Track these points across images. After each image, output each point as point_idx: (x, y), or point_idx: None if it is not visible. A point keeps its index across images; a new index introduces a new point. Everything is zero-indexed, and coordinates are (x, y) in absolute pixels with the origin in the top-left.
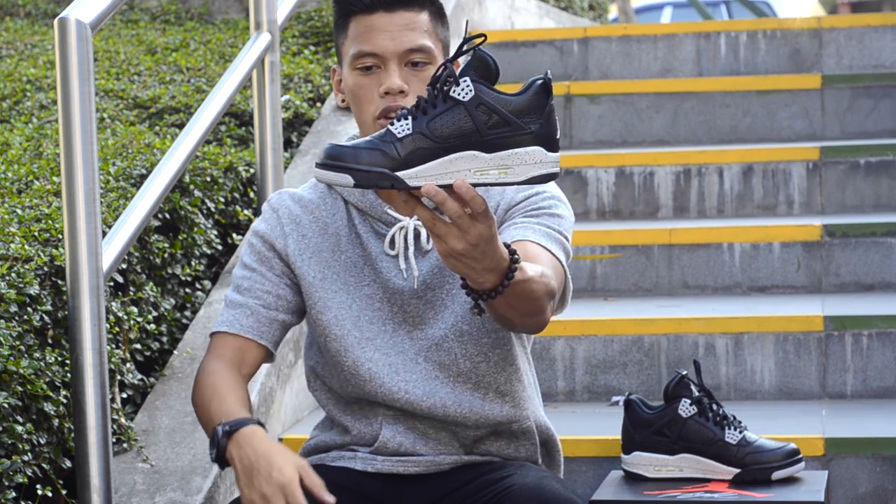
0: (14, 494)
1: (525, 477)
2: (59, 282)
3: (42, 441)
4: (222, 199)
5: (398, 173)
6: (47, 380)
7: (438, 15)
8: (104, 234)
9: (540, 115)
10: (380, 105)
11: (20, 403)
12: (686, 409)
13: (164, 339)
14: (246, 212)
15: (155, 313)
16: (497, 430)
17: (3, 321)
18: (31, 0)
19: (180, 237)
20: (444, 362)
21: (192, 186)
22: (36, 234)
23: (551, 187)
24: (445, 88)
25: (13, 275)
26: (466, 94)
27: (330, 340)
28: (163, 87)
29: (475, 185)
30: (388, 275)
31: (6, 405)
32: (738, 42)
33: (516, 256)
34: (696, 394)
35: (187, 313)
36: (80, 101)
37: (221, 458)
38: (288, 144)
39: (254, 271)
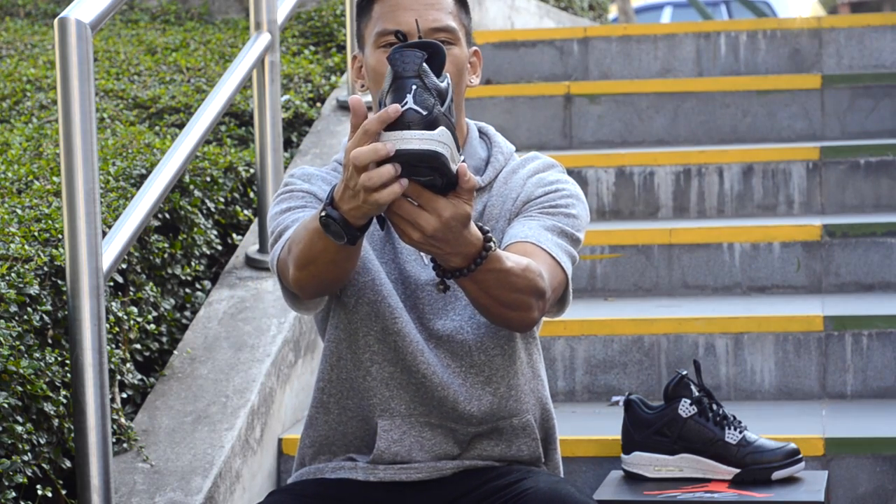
0: (14, 494)
1: (538, 482)
2: (59, 282)
3: (42, 441)
4: (222, 199)
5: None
6: (47, 380)
7: (462, 2)
8: (104, 234)
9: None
10: None
11: (20, 403)
12: (686, 409)
13: (164, 339)
14: (246, 212)
15: (155, 313)
16: (497, 426)
17: (3, 321)
18: (31, 0)
19: (180, 237)
20: (456, 352)
21: (192, 186)
22: (36, 234)
23: (571, 185)
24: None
25: (13, 275)
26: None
27: (362, 304)
28: (163, 87)
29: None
30: (408, 258)
31: (6, 405)
32: (738, 42)
33: (489, 244)
34: (696, 394)
35: (187, 313)
36: (80, 101)
37: (345, 224)
38: (288, 144)
39: (303, 208)
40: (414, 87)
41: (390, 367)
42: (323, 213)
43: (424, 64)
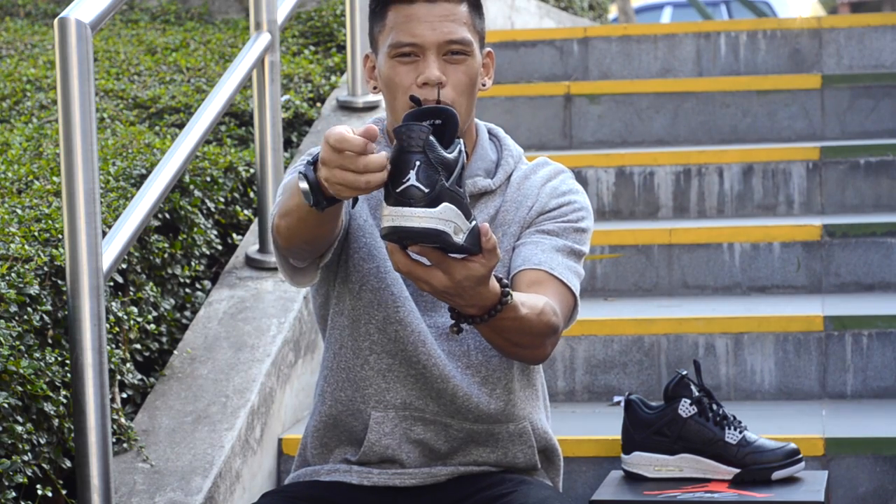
0: (14, 494)
1: (527, 496)
2: (59, 282)
3: (42, 441)
4: (222, 199)
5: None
6: (47, 380)
7: (476, 7)
8: (104, 234)
9: None
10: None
11: (20, 403)
12: (686, 409)
13: (164, 339)
14: (246, 212)
15: (155, 313)
16: (492, 431)
17: (3, 321)
18: (31, 0)
19: (180, 237)
20: (454, 352)
21: (192, 186)
22: (36, 234)
23: (581, 195)
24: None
25: (13, 275)
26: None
27: (366, 291)
28: (163, 87)
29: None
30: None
31: (6, 405)
32: (738, 42)
33: (506, 299)
34: (696, 394)
35: (187, 313)
36: (80, 101)
37: (317, 189)
38: (288, 144)
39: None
40: (418, 162)
41: (388, 359)
42: (301, 170)
43: (431, 137)
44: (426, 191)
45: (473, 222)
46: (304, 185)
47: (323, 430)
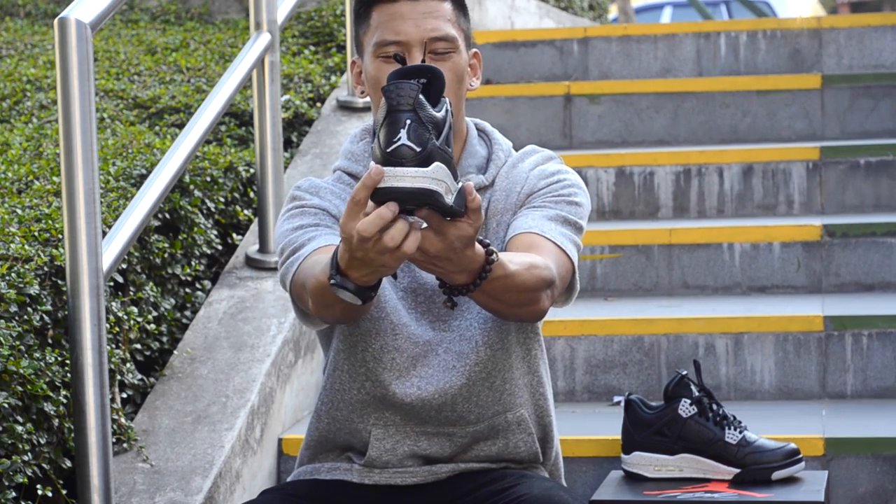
0: (14, 494)
1: (531, 488)
2: (59, 282)
3: (42, 441)
4: (222, 199)
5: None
6: (47, 380)
7: (461, 5)
8: (104, 234)
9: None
10: None
11: (20, 403)
12: (686, 409)
13: (164, 339)
14: (246, 212)
15: (155, 313)
16: (493, 423)
17: (3, 321)
18: (31, 0)
19: (180, 237)
20: (463, 351)
21: (192, 186)
22: (36, 234)
23: (572, 175)
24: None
25: (13, 275)
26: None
27: (365, 319)
28: (163, 87)
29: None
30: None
31: (6, 405)
32: (738, 42)
33: (492, 258)
34: (696, 394)
35: (187, 313)
36: (80, 101)
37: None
38: (288, 144)
39: (316, 226)
40: (408, 121)
41: (382, 389)
42: (333, 282)
43: (420, 96)
44: (418, 150)
45: (460, 183)
46: (345, 294)
47: (317, 447)
